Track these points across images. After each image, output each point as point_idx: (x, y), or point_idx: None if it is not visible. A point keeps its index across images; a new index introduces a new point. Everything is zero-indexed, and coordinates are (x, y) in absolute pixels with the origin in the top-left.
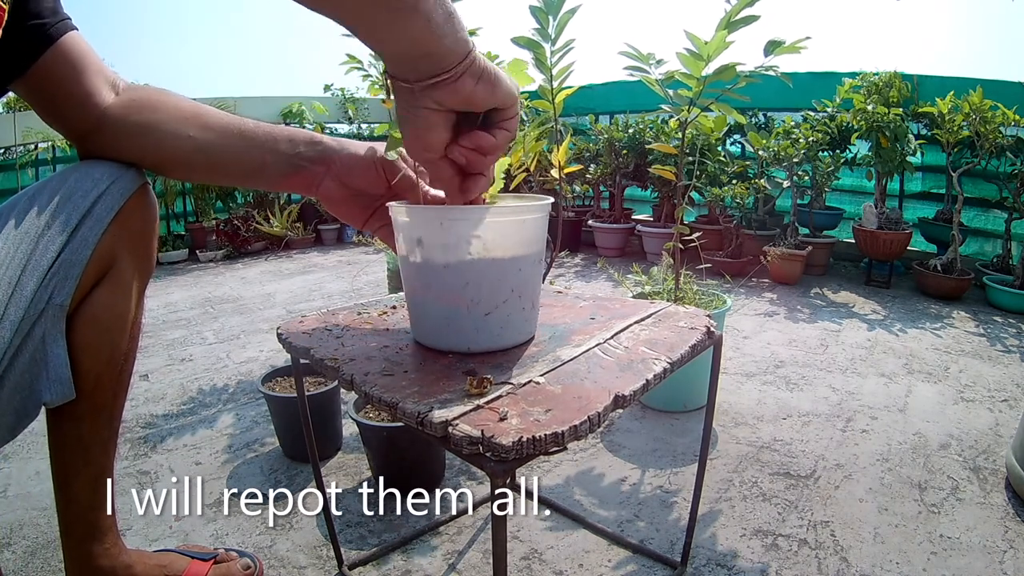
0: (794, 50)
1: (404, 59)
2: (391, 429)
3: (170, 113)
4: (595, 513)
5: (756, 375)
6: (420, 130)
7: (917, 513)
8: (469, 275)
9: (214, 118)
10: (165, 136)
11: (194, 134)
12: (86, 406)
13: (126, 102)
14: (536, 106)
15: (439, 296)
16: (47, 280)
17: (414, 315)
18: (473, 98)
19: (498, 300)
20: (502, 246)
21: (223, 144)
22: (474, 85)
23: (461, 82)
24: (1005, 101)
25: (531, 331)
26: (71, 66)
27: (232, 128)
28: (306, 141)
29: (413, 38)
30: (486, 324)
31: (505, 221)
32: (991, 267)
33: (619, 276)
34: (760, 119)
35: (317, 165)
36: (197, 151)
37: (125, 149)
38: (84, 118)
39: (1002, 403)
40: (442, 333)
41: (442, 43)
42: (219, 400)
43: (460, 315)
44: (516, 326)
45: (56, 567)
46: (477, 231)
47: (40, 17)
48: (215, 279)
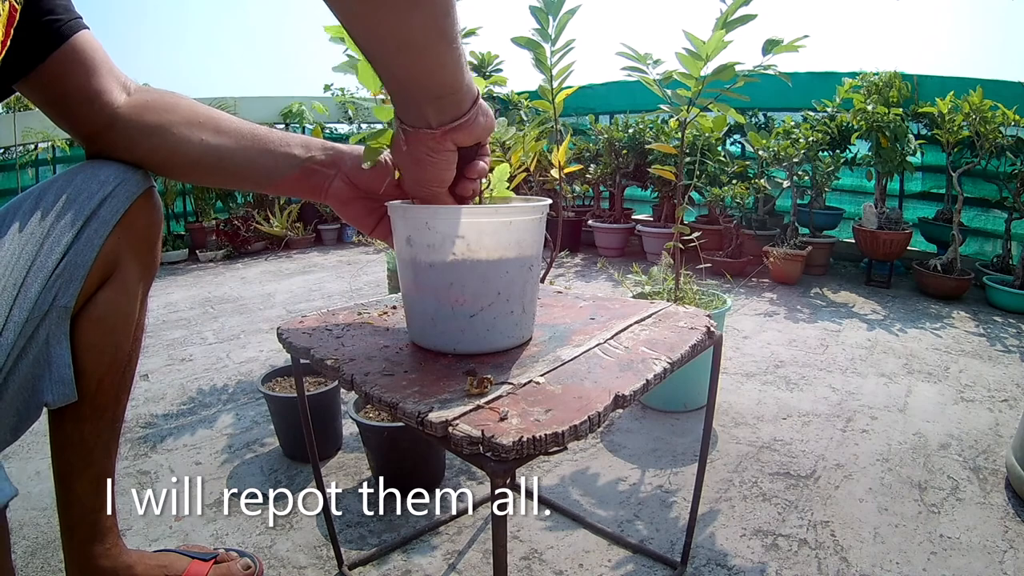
0: (792, 49)
1: (436, 95)
2: (391, 429)
3: (184, 115)
4: (595, 513)
5: (756, 375)
6: (440, 171)
7: (917, 513)
8: (453, 276)
9: (227, 122)
10: (178, 138)
11: (207, 138)
12: (88, 407)
13: (139, 103)
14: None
15: (426, 295)
16: (52, 282)
17: (407, 314)
18: (481, 135)
19: (483, 302)
20: (486, 247)
21: (236, 148)
22: (484, 123)
23: (475, 122)
24: (1005, 101)
25: (523, 335)
26: (83, 64)
27: (245, 132)
28: (320, 146)
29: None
30: (471, 325)
31: (488, 222)
32: (991, 267)
33: (619, 276)
34: (760, 119)
35: (328, 168)
36: (209, 154)
37: (136, 149)
38: (94, 117)
39: (1002, 403)
40: (429, 332)
41: (465, 78)
42: (219, 400)
43: (445, 315)
44: (503, 330)
45: (56, 567)
46: (460, 231)
47: (53, 14)
48: (215, 279)
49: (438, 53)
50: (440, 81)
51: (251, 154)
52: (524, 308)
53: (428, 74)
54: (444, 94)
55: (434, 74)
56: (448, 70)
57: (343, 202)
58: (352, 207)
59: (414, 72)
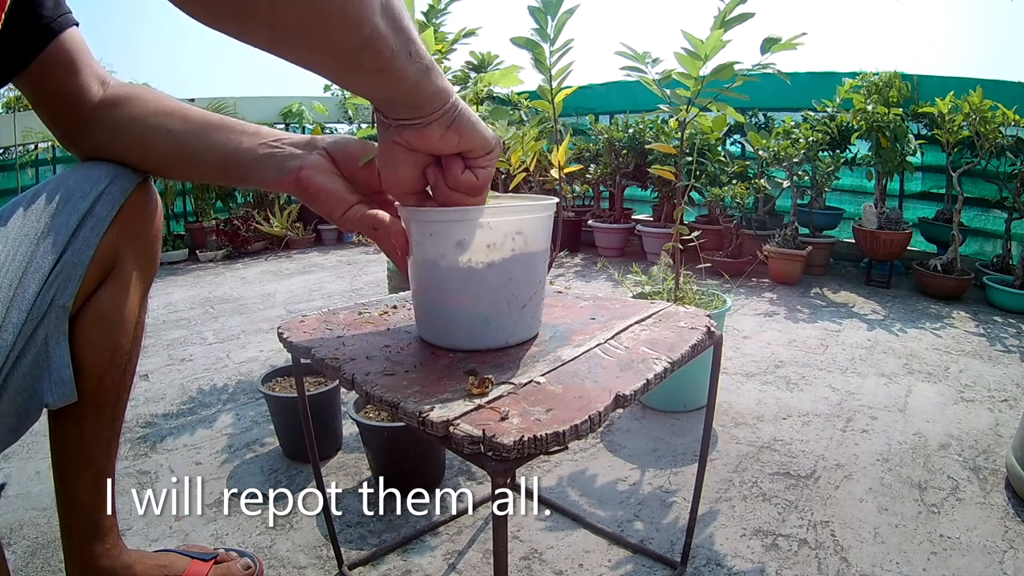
0: (790, 47)
1: (379, 102)
2: (391, 429)
3: (150, 107)
4: (595, 513)
5: (756, 375)
6: (390, 163)
7: (917, 513)
8: (512, 271)
9: (194, 112)
10: (145, 131)
11: (172, 126)
12: (88, 407)
13: (110, 99)
14: (536, 106)
15: (482, 296)
16: (49, 282)
17: (442, 320)
18: (441, 145)
19: (531, 292)
20: (537, 240)
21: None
22: (442, 133)
23: (429, 129)
24: (1005, 101)
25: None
26: (69, 62)
27: (212, 119)
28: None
29: (387, 91)
30: (522, 316)
31: (539, 217)
32: (991, 267)
33: (619, 276)
34: (760, 119)
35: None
36: (174, 146)
37: (111, 147)
38: (74, 116)
39: (1002, 403)
40: (481, 332)
41: (416, 95)
42: (219, 400)
43: (501, 312)
44: (540, 315)
45: (56, 567)
46: (519, 228)
47: (43, 7)
48: (215, 279)
49: (353, 82)
50: (372, 95)
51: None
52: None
53: (357, 89)
54: (383, 102)
55: (362, 91)
56: (381, 91)
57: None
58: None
59: (346, 85)
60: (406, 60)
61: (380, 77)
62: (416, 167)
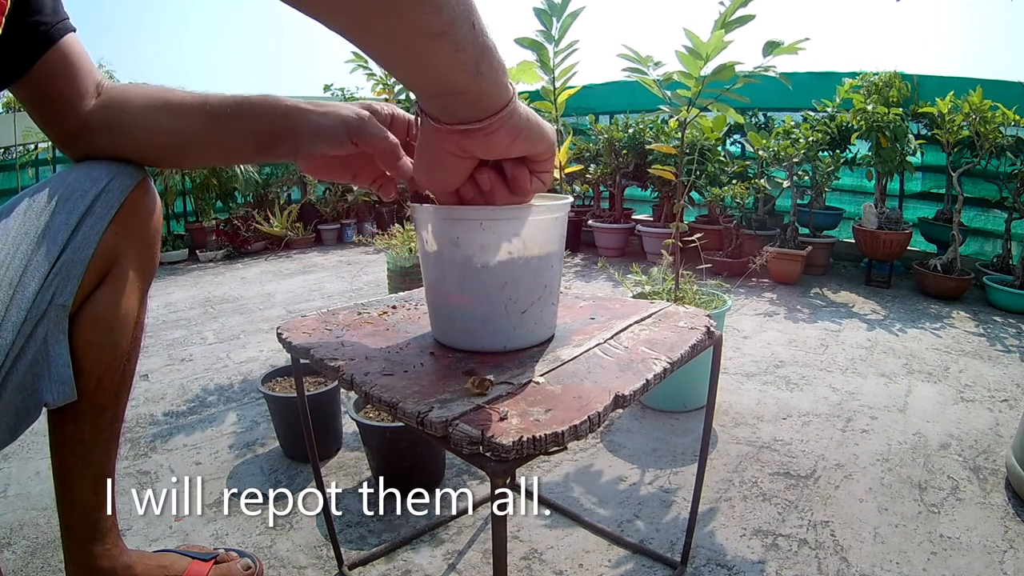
0: (792, 51)
1: (432, 94)
2: (391, 429)
3: (140, 106)
4: (595, 513)
5: (756, 375)
6: (436, 171)
7: (917, 513)
8: (508, 275)
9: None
10: (139, 131)
11: (165, 122)
12: (88, 407)
13: (102, 103)
14: (538, 107)
15: (477, 297)
16: (49, 281)
17: (441, 318)
18: (508, 152)
19: (533, 297)
20: (539, 244)
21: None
22: (510, 143)
23: (496, 136)
24: (1005, 101)
25: (555, 325)
26: (67, 69)
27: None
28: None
29: (439, 69)
30: (523, 322)
31: (543, 220)
32: (991, 267)
33: (619, 276)
34: (760, 119)
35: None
36: (171, 143)
37: (110, 148)
38: (70, 122)
39: (1002, 403)
40: (478, 334)
41: (476, 82)
42: (219, 400)
43: (497, 315)
44: (546, 321)
45: (56, 567)
46: (516, 230)
47: (41, 14)
48: (215, 279)
49: (421, 51)
50: (429, 80)
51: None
52: (557, 298)
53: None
54: (438, 94)
55: (424, 72)
56: (438, 70)
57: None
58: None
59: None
60: (469, 31)
61: (434, 45)
62: (465, 173)
